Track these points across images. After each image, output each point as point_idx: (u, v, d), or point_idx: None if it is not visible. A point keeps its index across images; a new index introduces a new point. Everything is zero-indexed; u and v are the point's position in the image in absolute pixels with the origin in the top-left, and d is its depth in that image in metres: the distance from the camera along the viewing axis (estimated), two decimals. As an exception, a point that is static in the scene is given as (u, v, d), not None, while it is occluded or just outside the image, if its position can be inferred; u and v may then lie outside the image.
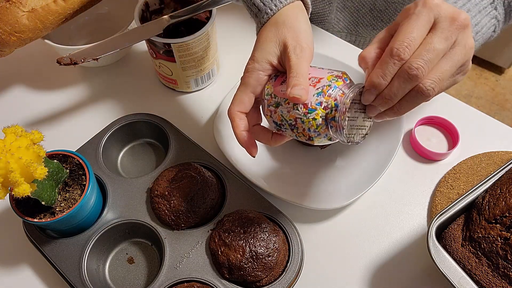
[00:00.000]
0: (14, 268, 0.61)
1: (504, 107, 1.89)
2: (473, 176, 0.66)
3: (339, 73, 0.46)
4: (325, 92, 0.44)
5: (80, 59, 0.63)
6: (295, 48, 0.46)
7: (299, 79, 0.44)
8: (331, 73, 0.46)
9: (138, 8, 0.71)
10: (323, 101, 0.44)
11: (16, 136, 0.48)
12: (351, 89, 0.43)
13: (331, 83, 0.45)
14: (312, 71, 0.47)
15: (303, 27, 0.48)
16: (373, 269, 0.60)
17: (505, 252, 0.51)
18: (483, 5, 0.50)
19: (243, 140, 0.48)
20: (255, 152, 0.49)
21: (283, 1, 0.49)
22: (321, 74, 0.46)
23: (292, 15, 0.48)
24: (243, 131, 0.48)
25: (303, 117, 0.44)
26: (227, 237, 0.55)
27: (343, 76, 0.46)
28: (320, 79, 0.45)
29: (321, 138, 0.46)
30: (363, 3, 0.82)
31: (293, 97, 0.43)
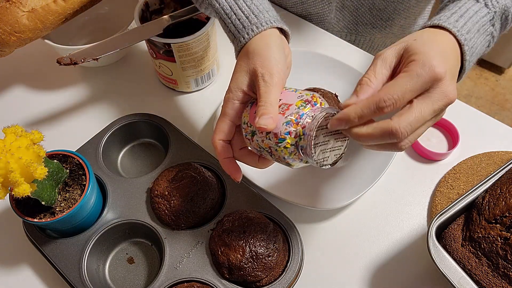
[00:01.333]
0: (14, 268, 0.61)
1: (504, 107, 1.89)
2: (473, 176, 0.66)
3: (309, 96, 0.46)
4: (293, 121, 0.44)
5: (80, 59, 0.63)
6: (263, 76, 0.46)
7: (267, 107, 0.45)
8: (301, 97, 0.46)
9: (138, 8, 0.71)
10: (291, 130, 0.44)
11: (16, 136, 0.48)
12: (316, 118, 0.43)
13: (299, 110, 0.45)
14: (283, 97, 0.47)
15: (273, 54, 0.48)
16: (373, 269, 0.60)
17: (505, 252, 0.51)
18: (482, 23, 0.49)
19: (225, 167, 0.50)
20: (239, 177, 0.50)
21: (255, 29, 0.49)
22: (291, 99, 0.46)
23: (262, 44, 0.49)
24: (225, 158, 0.49)
25: (275, 146, 0.45)
26: (227, 237, 0.55)
27: (312, 100, 0.45)
28: (289, 106, 0.45)
29: (297, 163, 0.47)
30: (362, 2, 0.82)
31: (260, 127, 0.44)
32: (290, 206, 0.62)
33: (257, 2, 0.51)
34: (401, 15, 0.84)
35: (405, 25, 0.88)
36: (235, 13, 0.51)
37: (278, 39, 0.50)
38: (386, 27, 0.87)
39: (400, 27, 0.88)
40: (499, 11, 0.50)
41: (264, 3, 0.52)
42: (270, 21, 0.50)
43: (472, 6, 0.49)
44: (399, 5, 0.82)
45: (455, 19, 0.48)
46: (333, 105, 0.66)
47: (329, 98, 0.67)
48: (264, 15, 0.50)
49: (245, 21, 0.50)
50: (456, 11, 0.49)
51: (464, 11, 0.49)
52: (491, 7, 0.50)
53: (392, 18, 0.85)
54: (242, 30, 0.50)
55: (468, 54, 0.47)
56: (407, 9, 0.83)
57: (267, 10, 0.51)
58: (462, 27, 0.47)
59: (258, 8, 0.51)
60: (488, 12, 0.50)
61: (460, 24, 0.47)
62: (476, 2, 0.50)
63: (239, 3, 0.51)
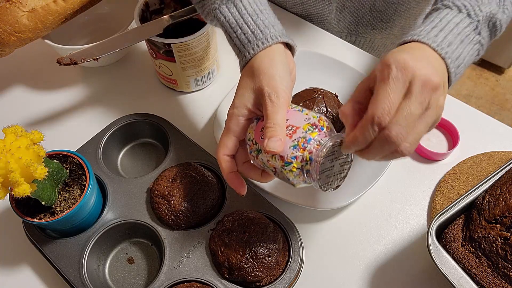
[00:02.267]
0: (14, 268, 0.61)
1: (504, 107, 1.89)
2: (473, 176, 0.66)
3: (316, 119, 0.46)
4: (300, 145, 0.44)
5: (80, 59, 0.63)
6: (270, 95, 0.46)
7: (275, 129, 0.45)
8: (308, 120, 0.46)
9: (138, 8, 0.71)
10: (298, 155, 0.44)
11: (16, 136, 0.48)
12: (325, 146, 0.44)
13: (306, 134, 0.45)
14: (290, 117, 0.47)
15: (278, 71, 0.48)
16: (373, 269, 0.60)
17: (505, 252, 0.51)
18: (466, 33, 0.49)
19: (230, 181, 0.50)
20: (244, 191, 0.50)
21: (261, 45, 0.49)
22: (298, 121, 0.46)
23: (267, 61, 0.49)
24: (229, 173, 0.50)
25: (281, 168, 0.45)
26: (227, 237, 0.55)
27: (319, 124, 0.46)
28: (296, 129, 0.45)
29: (301, 183, 0.47)
30: (363, 3, 0.82)
31: (269, 150, 0.44)
32: (290, 206, 0.62)
33: (263, 17, 0.51)
34: (402, 16, 0.84)
35: (405, 26, 0.88)
36: (240, 27, 0.51)
37: (283, 55, 0.50)
38: (387, 28, 0.87)
39: (400, 28, 0.88)
40: (484, 19, 0.50)
41: (270, 17, 0.52)
42: (276, 36, 0.50)
43: (453, 18, 0.49)
44: (400, 6, 0.82)
45: (434, 33, 0.47)
46: (333, 105, 0.66)
47: (329, 98, 0.67)
48: (270, 30, 0.50)
49: (251, 36, 0.50)
50: (437, 25, 0.48)
51: (444, 24, 0.48)
52: (474, 17, 0.49)
53: (393, 19, 0.85)
54: (247, 45, 0.50)
55: (453, 66, 0.47)
56: (407, 10, 0.83)
57: (273, 24, 0.51)
58: (442, 41, 0.47)
59: (264, 23, 0.51)
60: (470, 22, 0.49)
61: (440, 38, 0.47)
62: (458, 12, 0.50)
63: (245, 17, 0.51)
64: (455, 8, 0.50)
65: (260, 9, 0.52)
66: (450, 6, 0.50)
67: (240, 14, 0.51)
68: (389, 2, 0.81)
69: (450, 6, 0.50)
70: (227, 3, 0.52)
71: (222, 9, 0.52)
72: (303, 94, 0.68)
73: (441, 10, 0.50)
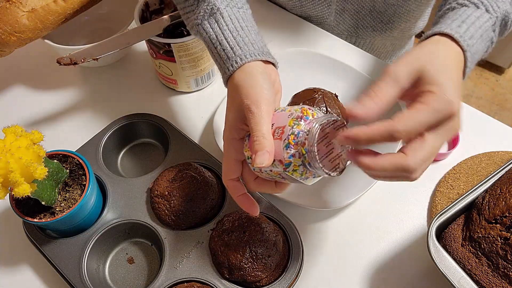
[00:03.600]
0: (14, 268, 0.61)
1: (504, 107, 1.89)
2: (473, 176, 0.66)
3: (299, 111, 0.44)
4: (292, 142, 0.43)
5: (80, 59, 0.63)
6: (250, 107, 0.45)
7: (260, 141, 0.44)
8: (291, 115, 0.44)
9: (138, 8, 0.71)
10: (294, 153, 0.43)
11: (16, 136, 0.48)
12: (313, 132, 0.42)
13: (293, 129, 0.43)
14: (275, 120, 0.46)
15: (257, 81, 0.47)
16: (373, 269, 0.60)
17: (505, 252, 0.51)
18: (485, 29, 0.49)
19: (241, 204, 0.50)
20: (256, 212, 0.50)
21: (239, 61, 0.49)
22: (282, 121, 0.45)
23: (245, 75, 0.48)
24: (238, 196, 0.49)
25: (284, 172, 0.44)
26: (227, 237, 0.55)
27: (303, 115, 0.44)
28: (283, 128, 0.44)
29: (310, 179, 0.46)
30: (363, 5, 0.82)
31: (258, 166, 0.43)
32: (290, 206, 0.62)
33: (243, 34, 0.51)
34: (402, 18, 0.84)
35: (405, 28, 0.88)
36: (220, 43, 0.51)
37: (262, 67, 0.49)
38: (387, 30, 0.87)
39: (400, 30, 0.88)
40: (500, 16, 0.50)
41: (251, 35, 0.51)
42: (254, 54, 0.49)
43: (473, 12, 0.49)
44: (399, 8, 0.82)
45: (457, 24, 0.47)
46: (333, 105, 0.66)
47: (329, 98, 0.67)
48: (249, 48, 0.50)
49: (230, 52, 0.50)
50: (457, 18, 0.48)
51: (465, 18, 0.48)
52: (493, 12, 0.49)
53: (393, 21, 0.84)
54: (226, 61, 0.50)
55: (470, 61, 0.47)
56: (407, 12, 0.83)
57: (253, 42, 0.50)
58: (464, 32, 0.46)
59: (243, 40, 0.50)
60: (490, 17, 0.49)
61: (463, 30, 0.47)
62: (476, 8, 0.49)
63: (226, 33, 0.51)
64: (472, 5, 0.50)
65: (241, 26, 0.51)
66: (466, 4, 0.50)
67: (221, 30, 0.51)
68: (388, 3, 0.80)
69: (466, 4, 0.50)
70: (209, 19, 0.52)
71: (204, 25, 0.52)
72: (303, 94, 0.68)
73: (457, 9, 0.50)
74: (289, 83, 0.72)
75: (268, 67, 0.50)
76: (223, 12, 0.51)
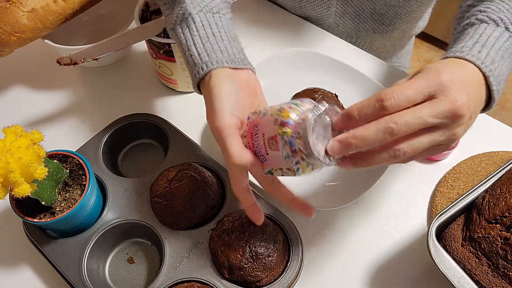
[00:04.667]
0: (14, 268, 0.61)
1: (504, 107, 1.89)
2: (473, 176, 0.66)
3: (280, 116, 0.42)
4: (290, 153, 0.42)
5: (80, 59, 0.63)
6: (213, 133, 0.46)
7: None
8: (276, 121, 0.42)
9: (138, 8, 0.71)
10: (297, 160, 0.42)
11: (16, 136, 0.48)
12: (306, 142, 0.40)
13: (285, 138, 0.42)
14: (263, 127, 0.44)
15: (219, 97, 0.46)
16: (373, 269, 0.60)
17: (505, 252, 0.51)
18: (506, 48, 0.47)
19: (251, 214, 0.50)
20: (261, 221, 0.50)
21: (204, 68, 0.48)
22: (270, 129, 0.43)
23: (207, 91, 0.48)
24: (250, 206, 0.49)
25: (296, 175, 0.44)
26: (227, 237, 0.55)
27: (285, 119, 0.42)
28: (275, 138, 0.43)
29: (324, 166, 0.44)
30: (363, 7, 0.82)
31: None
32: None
33: (213, 41, 0.50)
34: (403, 19, 0.84)
35: (406, 28, 0.88)
36: (189, 48, 0.51)
37: (226, 72, 0.48)
38: (387, 31, 0.87)
39: (401, 31, 0.88)
40: None
41: (223, 42, 0.51)
42: (222, 61, 0.49)
43: (493, 32, 0.48)
44: (401, 9, 0.81)
45: (477, 50, 0.46)
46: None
47: (329, 98, 0.67)
48: (217, 55, 0.49)
49: (196, 58, 0.50)
50: (478, 40, 0.47)
51: (485, 40, 0.47)
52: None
53: (394, 22, 0.84)
54: (193, 67, 0.50)
55: (495, 84, 0.46)
56: (408, 13, 0.83)
57: (222, 50, 0.50)
58: (485, 58, 0.45)
59: (212, 47, 0.50)
60: (510, 36, 0.48)
61: (483, 55, 0.45)
62: (496, 26, 0.48)
63: (195, 39, 0.51)
64: (492, 22, 0.49)
65: (212, 32, 0.51)
66: (486, 21, 0.49)
67: (191, 35, 0.51)
68: (389, 5, 0.80)
69: (486, 21, 0.49)
70: (181, 24, 0.52)
71: (177, 29, 0.53)
72: (303, 94, 0.68)
73: (477, 26, 0.49)
74: (289, 83, 0.72)
75: (239, 73, 0.50)
76: (194, 17, 0.51)
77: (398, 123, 0.39)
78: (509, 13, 0.49)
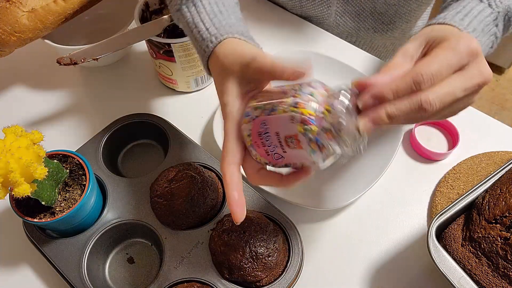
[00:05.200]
0: (14, 268, 0.61)
1: (504, 107, 1.89)
2: (473, 176, 0.66)
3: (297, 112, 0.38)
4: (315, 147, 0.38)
5: (80, 59, 0.63)
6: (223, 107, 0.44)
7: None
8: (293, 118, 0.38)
9: (138, 8, 0.71)
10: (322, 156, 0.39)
11: (16, 136, 0.48)
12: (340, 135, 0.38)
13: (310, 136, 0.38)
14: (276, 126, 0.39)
15: (224, 65, 0.45)
16: (373, 269, 0.60)
17: (505, 252, 0.51)
18: (486, 23, 0.49)
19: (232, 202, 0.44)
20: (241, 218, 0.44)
21: (214, 40, 0.47)
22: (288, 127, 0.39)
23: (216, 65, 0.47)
24: (234, 192, 0.44)
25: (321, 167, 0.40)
26: (227, 237, 0.55)
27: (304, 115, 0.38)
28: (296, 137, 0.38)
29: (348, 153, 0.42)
30: (364, 7, 0.82)
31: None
32: (290, 206, 0.62)
33: (221, 17, 0.50)
34: (403, 18, 0.84)
35: (406, 28, 0.88)
36: (196, 25, 0.50)
37: (236, 43, 0.47)
38: (388, 31, 0.87)
39: (401, 31, 0.88)
40: (503, 11, 0.50)
41: (230, 19, 0.50)
42: (231, 32, 0.48)
43: (476, 5, 0.49)
44: (400, 8, 0.82)
45: (460, 17, 0.47)
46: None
47: (329, 98, 0.67)
48: (225, 28, 0.48)
49: (205, 33, 0.49)
50: (461, 11, 0.48)
51: (468, 10, 0.48)
52: (495, 7, 0.50)
53: (394, 21, 0.84)
54: (202, 42, 0.49)
55: None
56: (408, 12, 0.83)
57: (231, 25, 0.49)
58: (468, 25, 0.47)
59: (221, 23, 0.49)
60: (491, 12, 0.49)
61: (466, 23, 0.47)
62: (479, 1, 0.50)
63: (202, 16, 0.50)
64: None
65: (220, 10, 0.51)
66: None
67: (198, 13, 0.51)
68: (389, 4, 0.80)
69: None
70: (187, 3, 0.52)
71: (183, 9, 0.52)
72: (303, 94, 0.68)
73: (461, 1, 0.50)
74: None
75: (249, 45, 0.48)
76: None
77: (432, 103, 0.39)
78: None
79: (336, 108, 0.38)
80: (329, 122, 0.37)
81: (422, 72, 0.39)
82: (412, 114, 0.40)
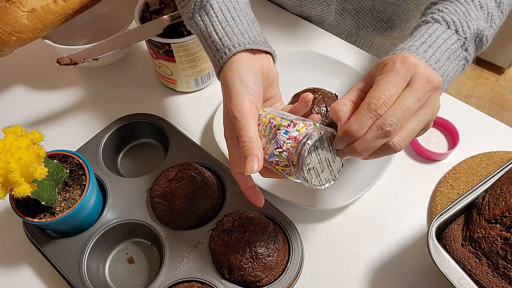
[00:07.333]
0: (14, 268, 0.61)
1: (504, 107, 1.89)
2: (473, 176, 0.66)
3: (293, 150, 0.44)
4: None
5: (80, 59, 0.63)
6: (233, 112, 0.45)
7: (248, 146, 0.44)
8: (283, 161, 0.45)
9: (138, 8, 0.71)
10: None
11: (16, 136, 0.48)
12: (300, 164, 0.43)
13: None
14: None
15: (238, 78, 0.46)
16: (373, 269, 0.60)
17: (505, 252, 0.51)
18: (453, 50, 0.49)
19: (249, 196, 0.50)
20: (262, 203, 0.51)
21: (227, 52, 0.48)
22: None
23: (230, 73, 0.48)
24: (248, 188, 0.50)
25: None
26: (227, 237, 0.55)
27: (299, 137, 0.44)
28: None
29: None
30: (363, 5, 0.82)
31: (249, 172, 0.44)
32: (290, 206, 0.62)
33: (233, 24, 0.50)
34: (401, 17, 0.84)
35: (405, 28, 0.88)
36: (210, 35, 0.51)
37: (248, 59, 0.48)
38: (387, 30, 0.87)
39: (400, 30, 0.88)
40: (471, 36, 0.51)
41: (243, 24, 0.51)
42: (244, 43, 0.49)
43: (442, 33, 0.50)
44: (398, 7, 0.82)
45: (424, 49, 0.48)
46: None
47: (329, 98, 0.67)
48: (238, 38, 0.49)
49: (218, 43, 0.50)
50: (426, 41, 0.49)
51: (433, 40, 0.49)
52: (462, 34, 0.50)
53: (392, 19, 0.85)
54: (216, 53, 0.50)
55: None
56: (406, 11, 0.83)
57: (243, 32, 0.50)
58: (430, 57, 0.47)
59: (233, 31, 0.50)
60: (458, 38, 0.50)
61: (429, 54, 0.48)
62: (447, 28, 0.50)
63: (215, 25, 0.51)
64: (444, 23, 0.51)
65: (232, 16, 0.51)
66: (439, 21, 0.51)
67: (210, 22, 0.51)
68: (388, 2, 0.81)
69: (439, 21, 0.51)
70: (200, 11, 0.52)
71: (196, 18, 0.52)
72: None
73: (430, 24, 0.51)
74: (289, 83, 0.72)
75: (258, 58, 0.50)
76: (213, 3, 0.51)
77: (393, 123, 0.42)
78: (463, 16, 0.51)
79: (300, 144, 0.43)
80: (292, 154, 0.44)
81: (375, 99, 0.42)
82: (379, 141, 0.42)
